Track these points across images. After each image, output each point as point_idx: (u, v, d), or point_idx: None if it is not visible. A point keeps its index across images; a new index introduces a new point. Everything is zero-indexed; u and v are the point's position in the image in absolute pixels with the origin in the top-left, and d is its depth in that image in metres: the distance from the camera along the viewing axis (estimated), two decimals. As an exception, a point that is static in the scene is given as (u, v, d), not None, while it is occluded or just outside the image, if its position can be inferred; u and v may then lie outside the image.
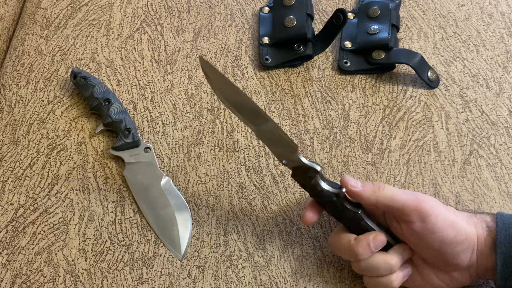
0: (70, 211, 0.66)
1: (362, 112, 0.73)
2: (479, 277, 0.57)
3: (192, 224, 0.65)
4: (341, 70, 0.76)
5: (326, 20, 0.75)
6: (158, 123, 0.72)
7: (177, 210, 0.65)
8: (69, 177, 0.68)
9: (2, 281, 0.61)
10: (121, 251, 0.63)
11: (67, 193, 0.67)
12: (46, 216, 0.65)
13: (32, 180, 0.68)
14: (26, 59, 0.78)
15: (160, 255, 0.63)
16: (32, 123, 0.72)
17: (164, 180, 0.67)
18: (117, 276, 0.62)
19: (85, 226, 0.65)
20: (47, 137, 0.71)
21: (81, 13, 0.82)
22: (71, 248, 0.63)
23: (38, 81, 0.76)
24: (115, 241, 0.64)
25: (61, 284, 0.61)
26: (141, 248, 0.63)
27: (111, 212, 0.66)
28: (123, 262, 0.63)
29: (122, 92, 0.75)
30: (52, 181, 0.68)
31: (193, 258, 0.63)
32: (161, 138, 0.71)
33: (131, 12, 0.82)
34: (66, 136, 0.71)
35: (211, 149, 0.70)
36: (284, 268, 0.62)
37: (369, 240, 0.56)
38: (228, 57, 0.78)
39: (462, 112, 0.73)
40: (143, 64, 0.77)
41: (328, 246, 0.62)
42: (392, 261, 0.56)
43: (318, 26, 0.80)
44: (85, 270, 0.62)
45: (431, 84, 0.74)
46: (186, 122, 0.72)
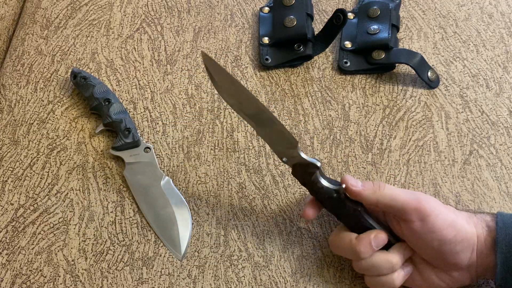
0: (70, 211, 0.66)
1: (362, 112, 0.73)
2: (479, 277, 0.57)
3: (192, 224, 0.65)
4: (341, 70, 0.76)
5: (326, 20, 0.75)
6: (158, 123, 0.72)
7: (177, 210, 0.65)
8: (69, 177, 0.68)
9: (2, 281, 0.61)
10: (121, 251, 0.63)
11: (67, 193, 0.67)
12: (46, 216, 0.65)
13: (32, 180, 0.68)
14: (26, 59, 0.78)
15: (160, 255, 0.63)
16: (32, 123, 0.72)
17: (164, 180, 0.67)
18: (117, 276, 0.62)
19: (85, 226, 0.65)
20: (47, 137, 0.71)
21: (81, 13, 0.82)
22: (71, 248, 0.63)
23: (38, 81, 0.76)
24: (115, 241, 0.64)
25: (61, 284, 0.61)
26: (141, 248, 0.63)
27: (111, 212, 0.66)
28: (123, 262, 0.63)
29: (122, 92, 0.75)
30: (52, 181, 0.68)
31: (193, 258, 0.63)
32: (161, 138, 0.71)
33: (131, 12, 0.82)
34: (66, 136, 0.71)
35: (211, 149, 0.70)
36: (284, 268, 0.62)
37: (370, 239, 0.56)
38: (228, 57, 0.78)
39: (462, 112, 0.73)
40: (143, 64, 0.77)
41: (329, 246, 0.62)
42: (394, 260, 0.56)
43: (318, 26, 0.80)
44: (85, 270, 0.62)
45: (431, 84, 0.74)
46: (186, 122, 0.72)
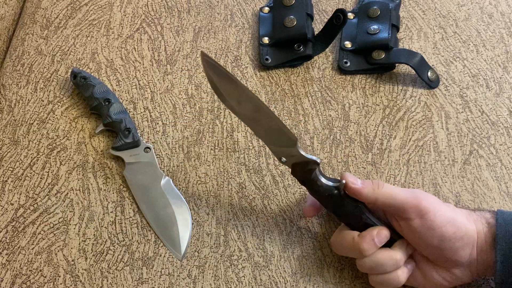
0: (70, 211, 0.66)
1: (362, 112, 0.73)
2: (480, 274, 0.57)
3: (192, 224, 0.65)
4: (341, 70, 0.76)
5: (326, 20, 0.75)
6: (158, 123, 0.72)
7: (177, 210, 0.65)
8: (69, 177, 0.68)
9: (2, 281, 0.61)
10: (121, 251, 0.63)
11: (67, 193, 0.67)
12: (46, 216, 0.65)
13: (32, 180, 0.68)
14: (26, 59, 0.78)
15: (160, 255, 0.63)
16: (32, 123, 0.72)
17: (164, 180, 0.67)
18: (117, 276, 0.62)
19: (85, 226, 0.65)
20: (47, 137, 0.71)
21: (81, 13, 0.82)
22: (71, 248, 0.63)
23: (38, 81, 0.76)
24: (115, 241, 0.64)
25: (61, 284, 0.61)
26: (141, 248, 0.63)
27: (111, 212, 0.66)
28: (123, 262, 0.63)
29: (122, 92, 0.75)
30: (52, 181, 0.68)
31: (193, 258, 0.63)
32: (161, 138, 0.71)
33: (131, 12, 0.82)
34: (66, 136, 0.71)
35: (211, 149, 0.70)
36: (284, 268, 0.62)
37: (373, 235, 0.56)
38: (228, 57, 0.78)
39: (462, 112, 0.73)
40: (143, 64, 0.77)
41: (332, 247, 0.61)
42: (397, 257, 0.56)
43: (318, 26, 0.80)
44: (85, 270, 0.62)
45: (431, 84, 0.74)
46: (186, 122, 0.72)
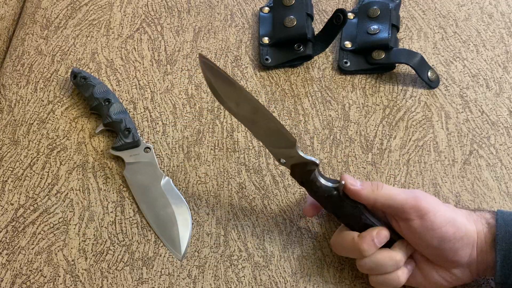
0: (70, 211, 0.66)
1: (362, 112, 0.73)
2: (480, 275, 0.57)
3: (192, 224, 0.65)
4: (341, 70, 0.76)
5: (326, 20, 0.75)
6: (158, 123, 0.72)
7: (177, 210, 0.65)
8: (69, 177, 0.68)
9: (2, 281, 0.61)
10: (121, 251, 0.63)
11: (67, 193, 0.67)
12: (46, 216, 0.65)
13: (32, 180, 0.68)
14: (26, 59, 0.78)
15: (160, 255, 0.63)
16: (32, 123, 0.72)
17: (164, 180, 0.67)
18: (117, 276, 0.62)
19: (85, 226, 0.65)
20: (47, 137, 0.71)
21: (81, 13, 0.82)
22: (71, 248, 0.63)
23: (38, 81, 0.76)
24: (115, 241, 0.64)
25: (61, 284, 0.61)
26: (141, 248, 0.63)
27: (111, 212, 0.66)
28: (123, 262, 0.63)
29: (122, 92, 0.75)
30: (52, 181, 0.68)
31: (193, 258, 0.63)
32: (161, 138, 0.71)
33: (131, 12, 0.82)
34: (66, 136, 0.71)
35: (211, 149, 0.70)
36: (284, 268, 0.62)
37: (373, 236, 0.56)
38: (228, 57, 0.78)
39: (462, 112, 0.73)
40: (143, 64, 0.77)
41: (332, 248, 0.61)
42: (397, 257, 0.56)
43: (318, 26, 0.80)
44: (85, 270, 0.62)
45: (431, 84, 0.74)
46: (186, 122, 0.72)
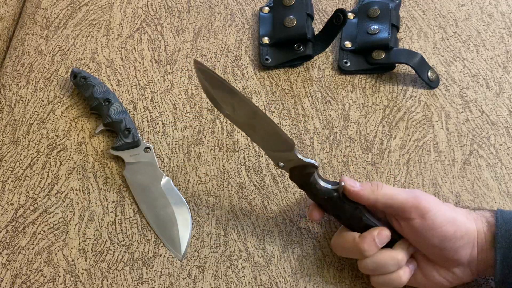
0: (70, 211, 0.66)
1: (362, 112, 0.73)
2: (480, 274, 0.57)
3: (192, 224, 0.65)
4: (341, 70, 0.76)
5: (326, 20, 0.75)
6: (158, 123, 0.72)
7: (177, 210, 0.65)
8: (69, 177, 0.68)
9: (2, 281, 0.61)
10: (121, 251, 0.63)
11: (67, 193, 0.67)
12: (46, 216, 0.65)
13: (32, 180, 0.68)
14: (26, 59, 0.78)
15: (160, 255, 0.63)
16: (32, 123, 0.72)
17: (164, 180, 0.67)
18: (117, 276, 0.62)
19: (85, 226, 0.65)
20: (47, 137, 0.71)
21: (81, 13, 0.82)
22: (71, 248, 0.63)
23: (38, 81, 0.76)
24: (115, 241, 0.64)
25: (61, 284, 0.61)
26: (141, 248, 0.63)
27: (111, 212, 0.66)
28: (123, 262, 0.63)
29: (122, 92, 0.75)
30: (52, 181, 0.68)
31: (193, 258, 0.63)
32: (161, 138, 0.71)
33: (131, 12, 0.82)
34: (66, 136, 0.71)
35: (211, 149, 0.70)
36: (284, 268, 0.62)
37: (374, 236, 0.56)
38: (228, 57, 0.78)
39: (462, 112, 0.73)
40: (143, 64, 0.77)
41: (332, 249, 0.61)
42: (399, 256, 0.56)
43: (318, 26, 0.80)
44: (85, 270, 0.62)
45: (431, 84, 0.74)
46: (186, 122, 0.72)
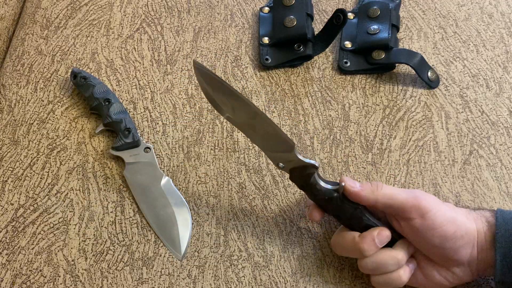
0: (70, 211, 0.66)
1: (362, 112, 0.73)
2: (480, 274, 0.57)
3: (192, 224, 0.65)
4: (341, 70, 0.76)
5: (326, 20, 0.75)
6: (158, 123, 0.72)
7: (177, 210, 0.65)
8: (69, 177, 0.68)
9: (2, 281, 0.61)
10: (121, 251, 0.63)
11: (67, 193, 0.67)
12: (46, 216, 0.65)
13: (32, 180, 0.68)
14: (26, 59, 0.78)
15: (160, 255, 0.63)
16: (32, 123, 0.72)
17: (164, 180, 0.67)
18: (117, 276, 0.62)
19: (85, 226, 0.65)
20: (47, 137, 0.71)
21: (81, 13, 0.82)
22: (71, 248, 0.63)
23: (38, 81, 0.76)
24: (115, 241, 0.64)
25: (61, 284, 0.61)
26: (141, 248, 0.63)
27: (111, 212, 0.66)
28: (123, 262, 0.63)
29: (122, 92, 0.75)
30: (52, 181, 0.68)
31: (193, 258, 0.63)
32: (161, 138, 0.71)
33: (131, 12, 0.82)
34: (66, 136, 0.71)
35: (211, 149, 0.70)
36: (284, 268, 0.62)
37: (373, 236, 0.56)
38: (228, 57, 0.78)
39: (462, 112, 0.73)
40: (143, 64, 0.77)
41: (332, 248, 0.61)
42: (399, 256, 0.56)
43: (318, 26, 0.80)
44: (85, 270, 0.62)
45: (431, 84, 0.74)
46: (186, 122, 0.72)
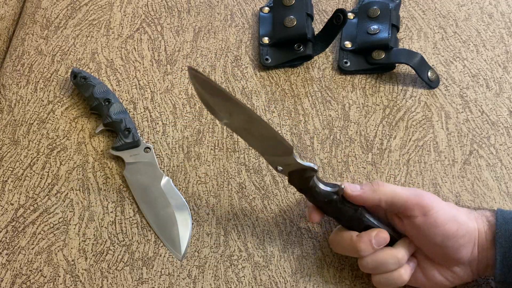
0: (70, 211, 0.66)
1: (362, 112, 0.73)
2: (480, 273, 0.57)
3: (192, 224, 0.65)
4: (341, 70, 0.76)
5: (326, 20, 0.75)
6: (158, 123, 0.72)
7: (177, 210, 0.65)
8: (69, 177, 0.68)
9: (2, 281, 0.61)
10: (121, 251, 0.63)
11: (67, 193, 0.67)
12: (46, 216, 0.65)
13: (32, 180, 0.68)
14: (26, 59, 0.78)
15: (160, 255, 0.63)
16: (32, 123, 0.72)
17: (164, 180, 0.67)
18: (117, 276, 0.62)
19: (85, 226, 0.65)
20: (47, 137, 0.71)
21: (81, 13, 0.82)
22: (71, 248, 0.63)
23: (38, 81, 0.76)
24: (115, 241, 0.64)
25: (61, 284, 0.61)
26: (141, 248, 0.63)
27: (111, 212, 0.66)
28: (123, 262, 0.63)
29: (122, 92, 0.75)
30: (52, 181, 0.68)
31: (193, 258, 0.63)
32: (161, 138, 0.71)
33: (131, 12, 0.82)
34: (66, 136, 0.71)
35: (211, 149, 0.70)
36: (284, 268, 0.62)
37: (371, 237, 0.56)
38: (228, 57, 0.78)
39: (462, 112, 0.73)
40: (143, 64, 0.77)
41: (329, 244, 0.61)
42: (400, 255, 0.56)
43: (318, 26, 0.80)
44: (85, 270, 0.62)
45: (431, 84, 0.74)
46: (186, 122, 0.72)
